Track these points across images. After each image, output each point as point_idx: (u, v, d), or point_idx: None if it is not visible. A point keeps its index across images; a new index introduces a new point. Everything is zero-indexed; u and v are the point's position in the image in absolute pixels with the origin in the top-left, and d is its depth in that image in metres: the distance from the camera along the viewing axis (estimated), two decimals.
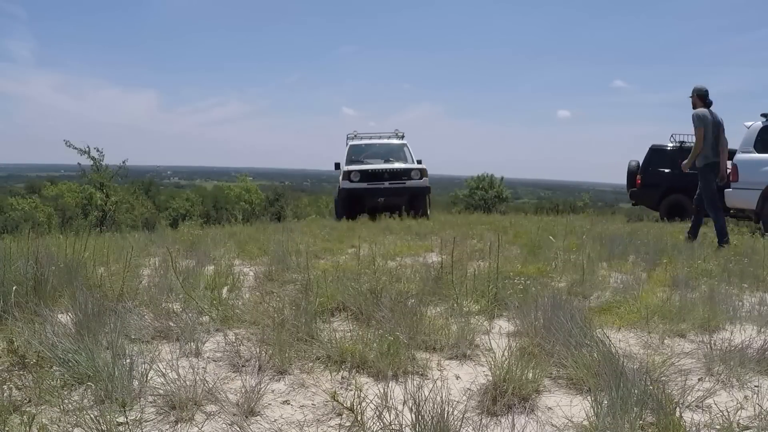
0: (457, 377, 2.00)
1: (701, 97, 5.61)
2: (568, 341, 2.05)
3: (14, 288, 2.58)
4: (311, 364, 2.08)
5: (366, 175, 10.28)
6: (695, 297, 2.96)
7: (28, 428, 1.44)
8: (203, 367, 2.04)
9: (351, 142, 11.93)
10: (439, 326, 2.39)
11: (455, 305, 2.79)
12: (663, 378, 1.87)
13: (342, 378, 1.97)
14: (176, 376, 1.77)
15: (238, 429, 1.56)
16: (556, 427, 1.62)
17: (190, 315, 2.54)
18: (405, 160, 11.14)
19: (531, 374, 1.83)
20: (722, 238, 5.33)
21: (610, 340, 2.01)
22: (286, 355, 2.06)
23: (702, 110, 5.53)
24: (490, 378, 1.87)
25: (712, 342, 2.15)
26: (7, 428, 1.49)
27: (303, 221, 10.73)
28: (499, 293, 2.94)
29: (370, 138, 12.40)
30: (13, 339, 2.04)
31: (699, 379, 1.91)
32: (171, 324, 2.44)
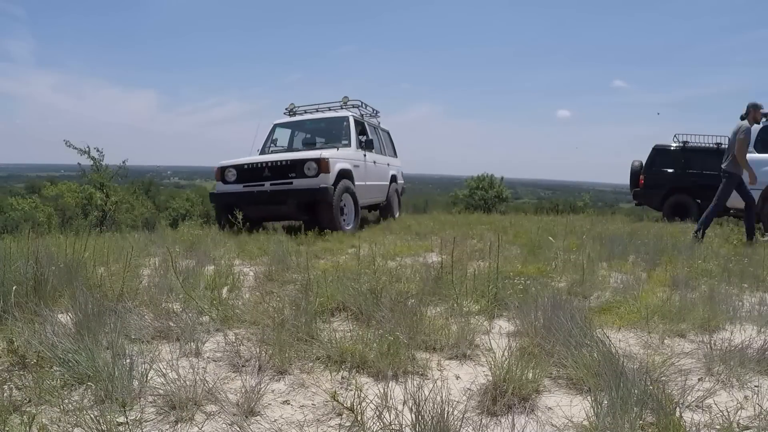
0: (457, 377, 2.00)
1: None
2: (568, 341, 2.05)
3: (14, 288, 2.58)
4: (311, 364, 2.07)
5: (243, 174, 6.90)
6: (695, 297, 2.96)
7: (28, 428, 1.44)
8: (203, 367, 2.04)
9: (277, 121, 8.65)
10: (439, 326, 2.39)
11: (455, 305, 2.79)
12: (663, 378, 1.87)
13: (342, 378, 1.97)
14: (176, 376, 1.77)
15: (238, 429, 1.56)
16: (556, 427, 1.62)
17: (190, 315, 2.54)
18: (344, 141, 7.75)
19: (531, 374, 1.83)
20: (699, 228, 6.02)
21: (610, 340, 2.01)
22: (286, 355, 2.06)
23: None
24: (490, 378, 1.87)
25: (712, 342, 2.15)
26: (7, 428, 1.49)
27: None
28: (499, 293, 2.94)
29: (305, 113, 8.75)
30: (13, 339, 2.05)
31: (699, 379, 1.91)
32: (171, 324, 2.44)
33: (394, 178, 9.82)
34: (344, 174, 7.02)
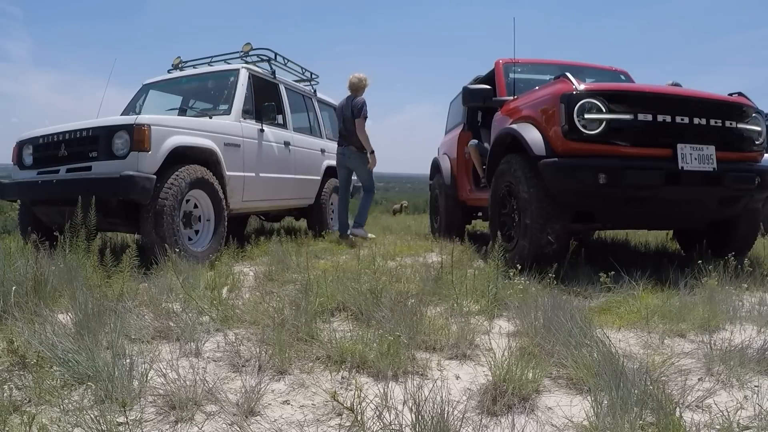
0: (457, 377, 2.00)
1: None
2: (568, 341, 2.05)
3: (14, 288, 2.58)
4: (311, 364, 2.08)
5: (39, 152, 4.54)
6: (695, 297, 2.96)
7: (28, 428, 1.44)
8: (203, 367, 2.04)
9: (148, 80, 6.16)
10: (439, 326, 2.39)
11: (455, 305, 2.79)
12: (663, 378, 1.87)
13: (342, 378, 1.97)
14: (176, 376, 1.77)
15: (238, 429, 1.56)
16: (556, 427, 1.62)
17: (190, 315, 2.54)
18: (223, 107, 5.33)
19: (531, 374, 1.83)
20: None
21: (610, 340, 2.01)
22: (286, 355, 2.06)
23: None
24: (490, 378, 1.87)
25: (712, 342, 2.15)
26: (7, 428, 1.49)
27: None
28: (499, 293, 2.94)
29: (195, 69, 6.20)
30: (13, 339, 2.05)
31: (699, 379, 1.91)
32: (171, 324, 2.44)
33: (333, 172, 6.90)
34: (192, 156, 4.43)
